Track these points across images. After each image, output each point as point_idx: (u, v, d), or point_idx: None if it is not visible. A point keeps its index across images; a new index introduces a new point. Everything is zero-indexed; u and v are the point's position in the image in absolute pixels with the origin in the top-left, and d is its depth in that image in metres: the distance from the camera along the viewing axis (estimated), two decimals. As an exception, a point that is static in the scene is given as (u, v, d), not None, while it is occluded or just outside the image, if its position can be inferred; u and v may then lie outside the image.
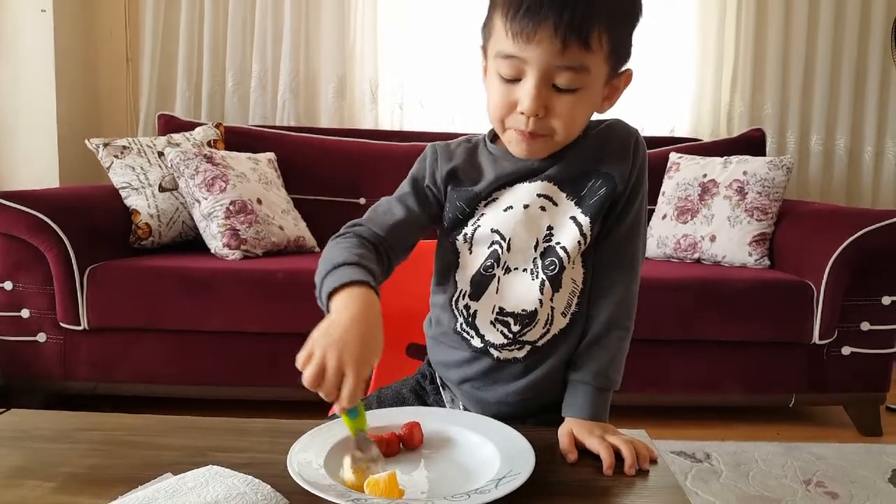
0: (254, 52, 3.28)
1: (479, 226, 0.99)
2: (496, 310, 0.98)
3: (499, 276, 0.98)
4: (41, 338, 2.30)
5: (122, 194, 2.54)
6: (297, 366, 0.77)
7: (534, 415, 1.02)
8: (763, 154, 3.03)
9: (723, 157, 2.78)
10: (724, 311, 2.34)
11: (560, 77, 0.87)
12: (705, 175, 2.74)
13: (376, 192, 2.92)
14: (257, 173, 2.66)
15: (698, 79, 3.37)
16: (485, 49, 0.96)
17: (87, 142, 2.60)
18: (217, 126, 2.88)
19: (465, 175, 1.01)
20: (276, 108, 3.31)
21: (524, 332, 0.97)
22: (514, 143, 0.94)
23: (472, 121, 3.31)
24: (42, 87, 3.02)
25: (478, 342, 1.00)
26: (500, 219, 0.98)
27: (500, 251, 0.98)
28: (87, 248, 2.28)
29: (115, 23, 3.33)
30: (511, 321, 0.97)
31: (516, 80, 0.89)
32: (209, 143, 2.77)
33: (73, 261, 2.23)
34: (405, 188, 1.05)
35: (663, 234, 2.75)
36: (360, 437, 0.79)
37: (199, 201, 2.50)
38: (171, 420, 0.95)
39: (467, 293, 1.00)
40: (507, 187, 0.98)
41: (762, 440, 2.31)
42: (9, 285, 2.28)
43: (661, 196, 2.85)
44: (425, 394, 1.12)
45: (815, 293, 2.31)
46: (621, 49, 0.91)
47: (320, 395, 0.77)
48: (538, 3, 0.83)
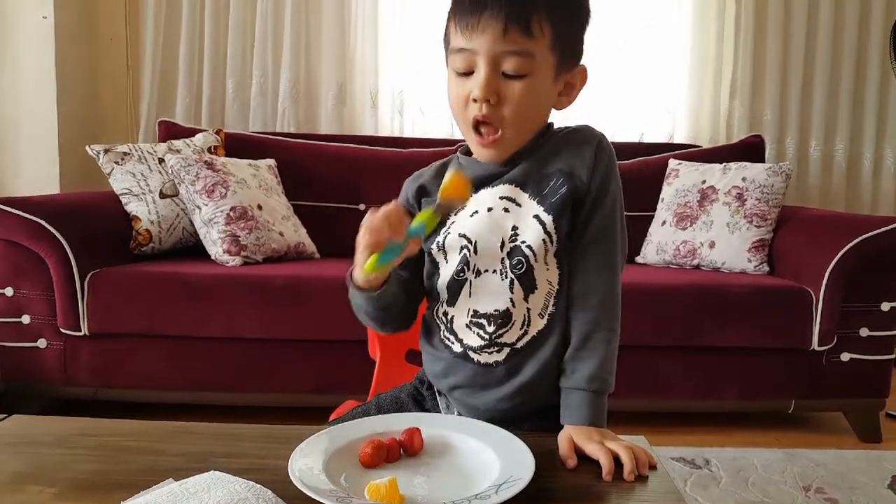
0: (254, 58, 3.29)
1: (449, 233, 1.03)
2: (470, 312, 1.01)
3: (470, 280, 1.01)
4: (42, 344, 2.30)
5: (123, 200, 2.55)
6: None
7: (528, 419, 1.02)
8: (762, 160, 3.04)
9: (722, 163, 2.79)
10: (724, 318, 2.34)
11: (507, 62, 0.94)
12: (704, 181, 2.75)
13: (376, 198, 2.90)
14: (258, 179, 2.66)
15: (697, 85, 3.38)
16: (447, 58, 1.02)
17: (87, 148, 2.61)
18: (217, 132, 2.88)
19: (432, 187, 1.08)
20: (277, 114, 3.32)
21: (500, 332, 0.99)
22: (475, 145, 1.02)
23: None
24: (43, 93, 3.03)
25: (458, 347, 1.03)
26: (467, 224, 1.01)
27: (468, 255, 1.01)
28: (87, 254, 2.28)
29: (116, 29, 3.34)
30: (485, 322, 0.99)
31: (469, 73, 0.96)
32: (210, 150, 2.77)
33: (74, 267, 2.24)
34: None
35: (662, 241, 2.76)
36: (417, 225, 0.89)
37: (199, 207, 2.50)
38: (172, 426, 0.96)
39: (445, 300, 1.04)
40: (472, 193, 1.02)
41: (761, 446, 2.31)
42: (9, 291, 2.28)
43: (660, 202, 2.86)
44: (423, 399, 1.14)
45: (815, 299, 2.32)
46: (566, 41, 0.98)
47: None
48: None
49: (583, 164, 0.98)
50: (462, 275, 1.01)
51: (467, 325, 1.01)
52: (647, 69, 3.30)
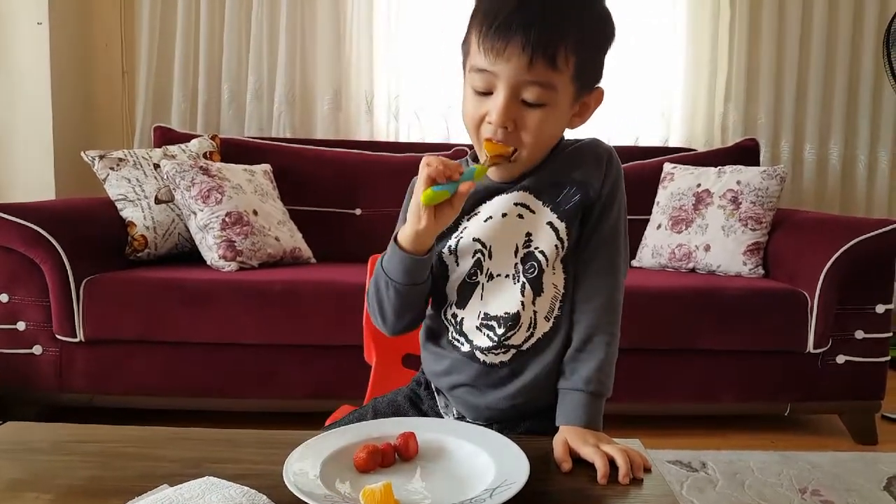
0: (249, 63, 3.29)
1: (461, 237, 1.03)
2: (481, 315, 1.02)
3: (482, 283, 1.02)
4: (37, 350, 2.29)
5: (118, 206, 2.54)
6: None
7: (526, 419, 1.04)
8: (757, 164, 3.05)
9: (717, 166, 2.80)
10: (719, 321, 2.34)
11: (528, 92, 0.92)
12: (699, 185, 2.75)
13: (372, 202, 2.95)
14: (253, 185, 2.66)
15: (692, 89, 3.39)
16: (463, 65, 1.01)
17: (82, 154, 2.61)
18: (213, 138, 2.88)
19: None
20: (272, 119, 3.32)
21: (508, 335, 1.00)
22: (488, 165, 0.99)
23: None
24: (38, 99, 3.03)
25: (466, 347, 1.04)
26: (481, 229, 1.02)
27: (482, 259, 1.02)
28: (82, 260, 2.28)
29: (111, 35, 3.34)
30: (495, 325, 1.01)
31: (488, 93, 0.94)
32: (205, 155, 2.77)
33: (69, 273, 2.23)
34: (398, 225, 1.10)
35: (658, 244, 2.76)
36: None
37: (194, 213, 2.50)
38: (167, 431, 0.95)
39: (454, 302, 1.05)
40: (486, 200, 1.03)
41: (757, 449, 2.32)
42: (4, 298, 2.28)
43: (655, 206, 2.86)
44: (420, 401, 1.15)
45: (810, 302, 2.32)
46: (589, 70, 0.97)
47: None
48: (508, 21, 0.89)
49: (595, 175, 1.01)
50: (474, 278, 1.03)
51: (477, 328, 1.02)
52: (642, 73, 3.31)
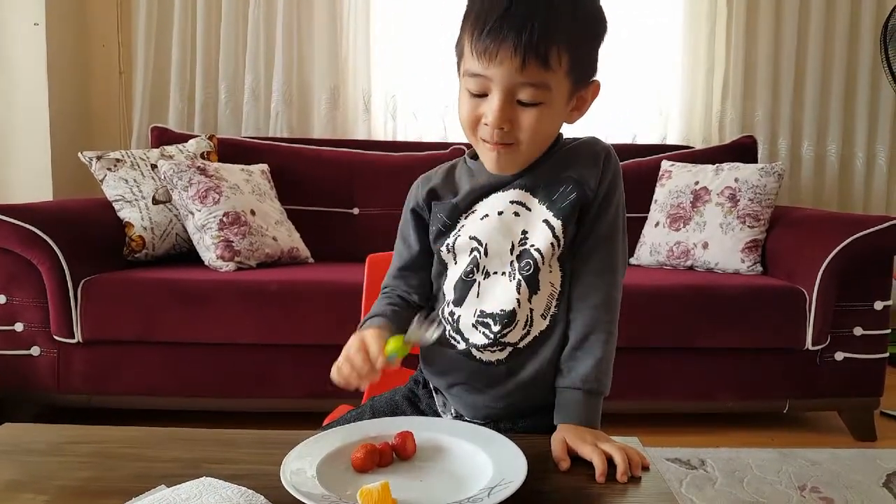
0: (246, 63, 3.29)
1: (459, 235, 1.04)
2: (477, 312, 1.02)
3: (479, 281, 1.03)
4: (35, 351, 2.29)
5: (116, 207, 2.54)
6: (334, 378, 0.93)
7: (524, 417, 1.04)
8: (754, 161, 3.05)
9: (714, 164, 2.80)
10: (718, 318, 2.34)
11: (522, 93, 0.92)
12: (697, 182, 2.75)
13: (370, 202, 2.95)
14: (251, 185, 2.66)
15: (689, 86, 3.39)
16: (459, 67, 1.01)
17: (80, 154, 2.60)
18: (210, 138, 2.88)
19: (443, 191, 1.08)
20: (270, 119, 3.31)
21: (504, 332, 1.00)
22: (487, 159, 1.00)
23: (465, 130, 3.32)
24: (35, 100, 3.02)
25: (462, 345, 1.04)
26: (478, 227, 1.03)
27: (478, 257, 1.02)
28: (80, 261, 2.28)
29: (108, 36, 3.34)
30: (491, 322, 1.01)
31: (483, 95, 0.94)
32: (202, 155, 2.77)
33: (67, 274, 2.23)
34: (402, 226, 1.14)
35: (656, 242, 2.76)
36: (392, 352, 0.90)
37: (192, 213, 2.50)
38: (164, 432, 0.95)
39: (452, 300, 1.05)
40: (483, 198, 1.04)
41: (756, 446, 2.32)
42: (2, 299, 2.28)
43: (653, 204, 2.86)
44: (418, 399, 1.15)
45: (808, 299, 2.33)
46: (583, 65, 0.97)
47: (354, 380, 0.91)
48: (499, 25, 0.89)
49: (592, 173, 1.00)
50: (471, 276, 1.03)
51: (473, 325, 1.02)
52: (640, 71, 3.31)
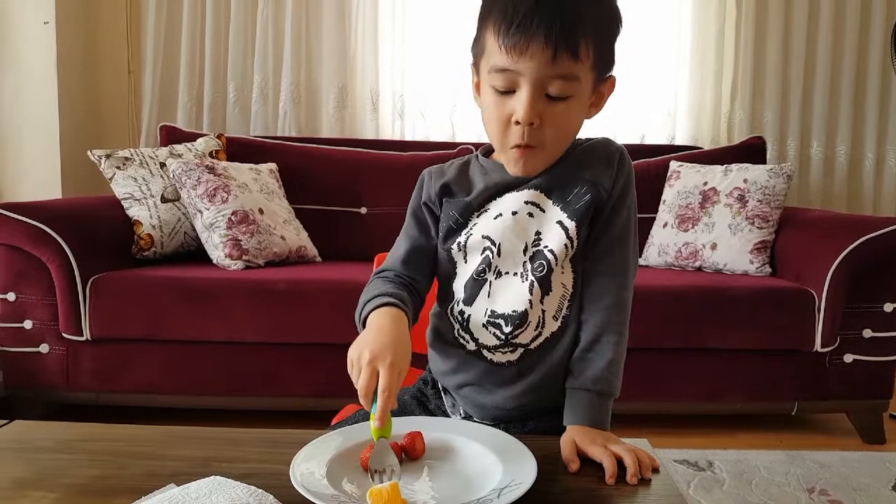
0: (255, 62, 3.29)
1: (471, 234, 1.03)
2: (488, 312, 1.01)
3: (490, 281, 1.02)
4: (44, 349, 2.30)
5: (125, 205, 2.55)
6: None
7: (534, 418, 1.04)
8: (763, 162, 3.04)
9: (723, 165, 2.79)
10: (726, 319, 2.33)
11: (552, 86, 0.92)
12: (706, 183, 2.74)
13: (377, 201, 2.95)
14: (259, 183, 2.66)
15: (698, 87, 3.38)
16: (476, 66, 1.00)
17: (89, 153, 2.61)
18: (219, 137, 2.88)
19: (457, 187, 1.07)
20: (278, 118, 3.32)
21: (516, 333, 1.00)
22: (513, 163, 0.99)
23: (472, 130, 3.32)
24: (44, 98, 3.03)
25: (472, 345, 1.03)
26: (491, 226, 1.02)
27: (491, 256, 1.02)
28: (89, 259, 2.29)
29: (117, 34, 3.35)
30: (503, 322, 1.00)
31: (510, 91, 0.93)
32: (211, 154, 2.77)
33: (76, 272, 2.24)
34: (407, 221, 1.12)
35: (664, 243, 2.76)
36: (381, 445, 0.80)
37: (200, 212, 2.50)
38: (174, 430, 0.95)
39: (462, 299, 1.04)
40: (496, 197, 1.03)
41: (765, 448, 2.31)
42: (11, 296, 2.29)
43: (661, 204, 2.85)
44: (426, 399, 1.14)
45: (817, 300, 2.31)
46: (606, 58, 0.97)
47: (362, 402, 0.84)
48: (529, 19, 0.88)
49: (606, 175, 1.00)
50: (482, 275, 1.02)
51: (484, 325, 1.02)
52: (648, 71, 3.30)
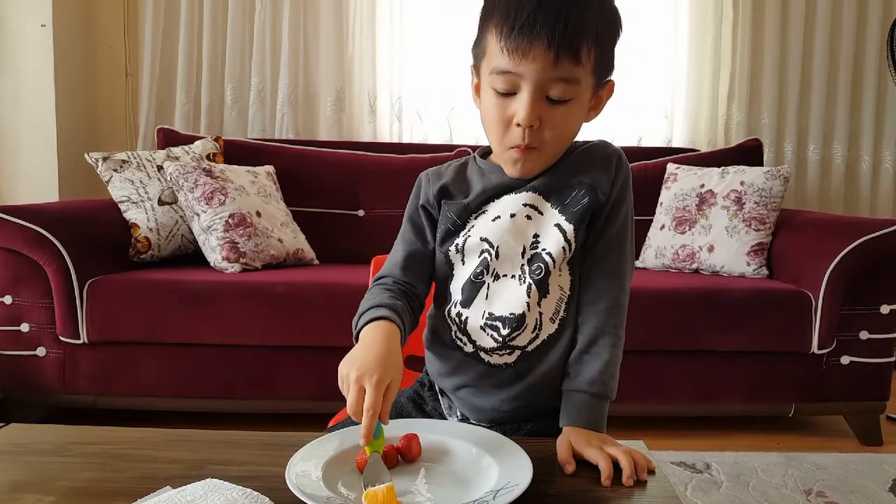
0: (252, 65, 3.29)
1: (469, 236, 1.03)
2: (486, 315, 1.02)
3: (488, 283, 1.02)
4: (41, 352, 2.30)
5: (122, 208, 2.55)
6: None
7: (530, 420, 1.04)
8: (760, 164, 3.04)
9: (720, 167, 2.79)
10: (723, 321, 2.34)
11: (553, 89, 0.92)
12: (703, 185, 2.75)
13: (375, 204, 2.95)
14: (256, 186, 2.66)
15: (695, 89, 3.38)
16: (477, 68, 1.01)
17: (86, 156, 2.61)
18: (216, 139, 2.89)
19: (455, 189, 1.07)
20: (275, 120, 3.32)
21: (513, 335, 1.00)
22: (511, 164, 1.00)
23: (470, 132, 3.33)
24: (42, 101, 3.03)
25: (469, 347, 1.03)
26: (489, 228, 1.02)
27: (489, 259, 1.02)
28: (86, 261, 2.28)
29: (115, 37, 3.35)
30: (500, 325, 1.00)
31: (511, 93, 0.93)
32: (208, 157, 2.78)
33: (73, 275, 2.23)
34: (403, 226, 1.12)
35: (661, 245, 2.76)
36: (373, 459, 0.80)
37: (198, 214, 2.50)
38: (170, 433, 0.95)
39: (459, 301, 1.04)
40: (494, 199, 1.03)
41: (762, 450, 2.31)
42: (8, 299, 2.28)
43: (658, 206, 2.86)
44: (423, 402, 1.15)
45: (814, 302, 2.32)
46: (606, 62, 0.97)
47: (352, 416, 0.83)
48: (531, 22, 0.88)
49: (604, 178, 1.01)
50: (480, 278, 1.02)
51: (482, 327, 1.02)
52: (645, 74, 3.31)
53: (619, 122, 3.31)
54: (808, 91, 3.43)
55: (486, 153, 1.09)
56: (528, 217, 1.01)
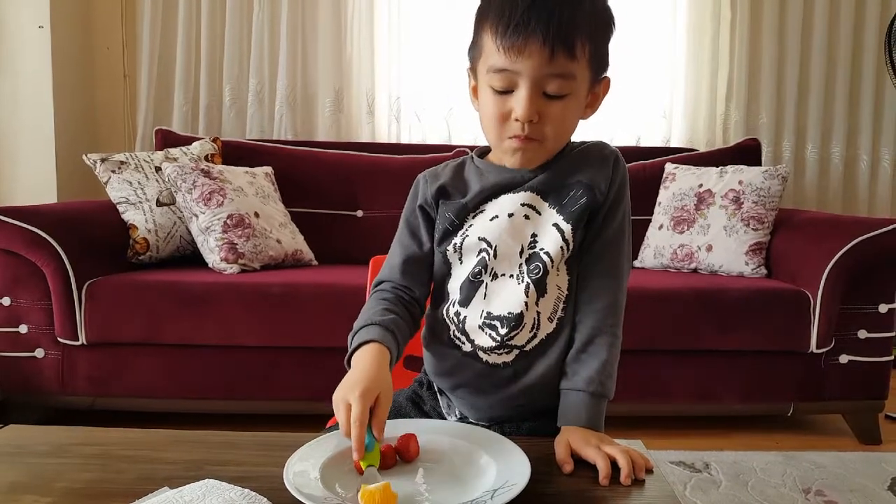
0: (251, 66, 3.29)
1: (467, 235, 1.03)
2: (484, 314, 1.02)
3: (486, 283, 1.02)
4: (39, 353, 2.30)
5: (120, 209, 2.55)
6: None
7: (528, 419, 1.04)
8: (758, 163, 3.04)
9: (718, 166, 2.79)
10: (722, 321, 2.34)
11: (550, 85, 0.93)
12: (701, 185, 2.75)
13: (374, 204, 2.95)
14: (255, 187, 2.66)
15: (693, 89, 3.39)
16: (473, 70, 1.02)
17: (84, 157, 2.61)
18: (214, 140, 2.88)
19: (453, 189, 1.07)
20: (274, 121, 3.32)
21: (511, 335, 1.00)
22: (510, 153, 1.00)
23: (468, 133, 3.33)
24: (40, 102, 3.03)
25: (468, 347, 1.04)
26: (487, 228, 1.02)
27: (487, 258, 1.02)
28: (84, 263, 2.28)
29: (113, 39, 3.35)
30: (498, 324, 1.00)
31: (509, 91, 0.94)
32: (206, 158, 2.77)
33: (71, 276, 2.23)
34: (400, 229, 1.12)
35: (660, 245, 2.76)
36: (369, 473, 0.80)
37: (196, 215, 2.50)
38: (168, 434, 0.95)
39: (457, 301, 1.05)
40: (492, 198, 1.03)
41: (761, 449, 2.31)
42: (7, 301, 2.28)
43: (657, 206, 2.86)
44: (422, 401, 1.15)
45: (813, 302, 2.32)
46: (600, 57, 0.99)
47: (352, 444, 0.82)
48: (526, 19, 0.90)
49: (602, 178, 1.01)
50: (479, 277, 1.03)
51: (480, 327, 1.02)
52: (643, 73, 3.31)
53: (617, 121, 3.32)
54: (806, 90, 3.43)
55: (483, 153, 1.10)
56: (527, 217, 1.01)
